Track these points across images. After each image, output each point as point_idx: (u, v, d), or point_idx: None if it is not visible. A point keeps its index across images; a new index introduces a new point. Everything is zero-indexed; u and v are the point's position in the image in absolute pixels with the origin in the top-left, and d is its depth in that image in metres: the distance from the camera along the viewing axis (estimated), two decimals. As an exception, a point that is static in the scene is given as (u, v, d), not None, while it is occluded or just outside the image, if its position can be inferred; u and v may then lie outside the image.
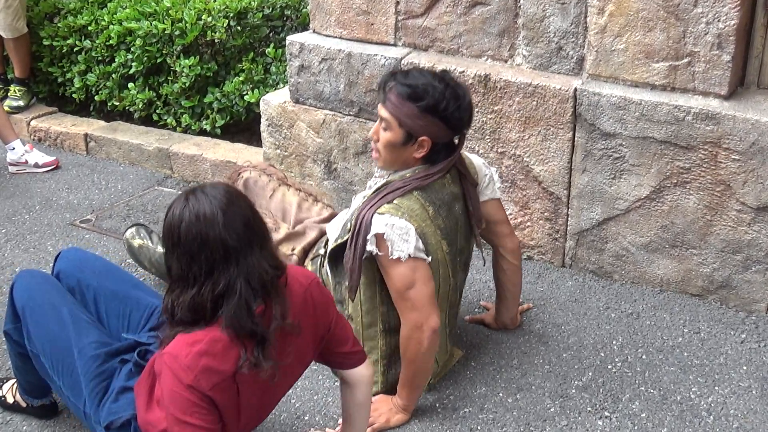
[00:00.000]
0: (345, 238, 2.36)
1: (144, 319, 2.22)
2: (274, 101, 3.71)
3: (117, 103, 4.69)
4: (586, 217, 3.09)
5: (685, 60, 2.77)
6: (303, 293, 1.94)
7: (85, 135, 4.59)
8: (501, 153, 3.18)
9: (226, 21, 4.37)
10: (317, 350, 2.06)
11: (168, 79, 4.52)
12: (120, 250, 3.42)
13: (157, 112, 4.59)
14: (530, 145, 3.10)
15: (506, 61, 3.15)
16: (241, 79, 4.33)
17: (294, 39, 3.56)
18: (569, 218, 3.14)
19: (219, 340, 1.77)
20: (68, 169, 4.39)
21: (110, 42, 4.56)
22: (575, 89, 2.95)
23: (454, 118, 2.29)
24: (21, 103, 4.93)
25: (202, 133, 4.46)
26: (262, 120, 3.79)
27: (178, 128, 4.53)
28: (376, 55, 3.32)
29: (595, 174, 3.01)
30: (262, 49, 4.53)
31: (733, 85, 2.79)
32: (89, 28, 4.70)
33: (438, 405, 2.52)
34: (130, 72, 4.55)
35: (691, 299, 3.01)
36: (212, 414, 1.79)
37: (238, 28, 4.45)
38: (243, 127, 4.53)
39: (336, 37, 3.48)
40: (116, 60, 4.58)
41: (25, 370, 2.33)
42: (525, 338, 2.83)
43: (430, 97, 2.25)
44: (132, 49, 4.50)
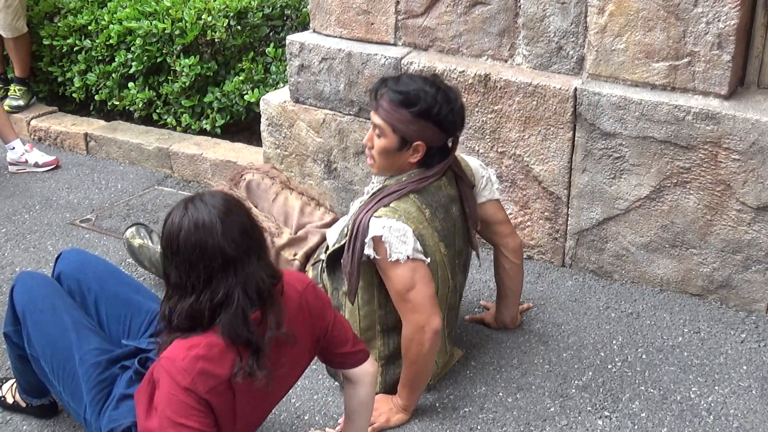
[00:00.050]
0: (342, 242, 2.37)
1: (144, 325, 2.22)
2: (274, 101, 3.71)
3: (117, 103, 4.69)
4: (586, 216, 3.09)
5: (685, 60, 2.77)
6: (298, 299, 1.95)
7: (85, 134, 4.59)
8: (501, 153, 3.18)
9: (226, 20, 4.37)
10: (314, 354, 2.07)
11: (168, 79, 4.52)
12: (120, 250, 3.42)
13: (157, 111, 4.59)
14: (530, 144, 3.10)
15: (506, 61, 3.15)
16: (241, 78, 4.33)
17: (294, 38, 3.56)
18: (569, 218, 3.14)
19: (216, 344, 1.78)
20: (68, 169, 4.39)
21: (110, 41, 4.56)
22: (575, 89, 2.95)
23: (447, 121, 2.30)
24: (21, 103, 4.93)
25: (202, 132, 4.46)
26: (262, 119, 3.79)
27: (178, 128, 4.53)
28: (376, 54, 3.32)
29: (595, 174, 3.01)
30: (262, 49, 4.52)
31: (733, 85, 2.79)
32: (89, 28, 4.70)
33: (438, 404, 2.52)
34: (130, 71, 4.55)
35: (691, 299, 3.01)
36: (208, 417, 1.79)
37: (238, 27, 4.45)
38: (243, 126, 4.52)
39: (336, 37, 3.48)
40: (116, 59, 4.58)
41: (24, 371, 2.33)
42: (525, 338, 2.83)
43: (423, 102, 2.26)
44: (132, 48, 4.50)
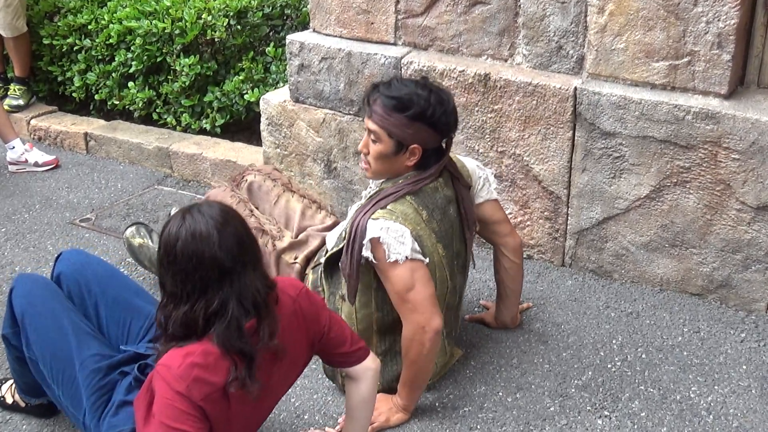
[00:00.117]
0: (340, 246, 2.37)
1: (144, 329, 2.22)
2: (274, 100, 3.71)
3: (117, 102, 4.69)
4: (586, 216, 3.09)
5: (685, 59, 2.77)
6: (292, 305, 1.97)
7: (85, 134, 4.59)
8: (501, 152, 3.18)
9: (226, 20, 4.37)
10: (311, 356, 2.09)
11: (168, 78, 4.52)
12: (120, 249, 3.42)
13: (157, 111, 4.59)
14: (530, 144, 3.10)
15: (506, 60, 3.15)
16: (241, 78, 4.33)
17: (294, 38, 3.56)
18: (569, 217, 3.14)
19: (211, 353, 1.79)
20: (68, 168, 4.39)
21: (110, 41, 4.56)
22: (575, 88, 2.95)
23: (441, 122, 2.32)
24: (21, 102, 4.92)
25: (202, 132, 4.46)
26: (262, 119, 3.79)
27: (177, 127, 4.53)
28: (376, 54, 3.32)
29: (595, 173, 3.01)
30: (262, 48, 4.52)
31: (733, 85, 2.79)
32: (89, 27, 4.70)
33: (438, 404, 2.52)
34: (130, 71, 4.55)
35: (690, 298, 3.01)
36: (203, 423, 1.80)
37: (238, 27, 4.45)
38: (243, 126, 4.52)
39: (336, 36, 3.48)
40: (116, 59, 4.58)
41: (22, 372, 2.32)
42: (525, 337, 2.83)
43: (417, 105, 2.28)
44: (132, 48, 4.50)
